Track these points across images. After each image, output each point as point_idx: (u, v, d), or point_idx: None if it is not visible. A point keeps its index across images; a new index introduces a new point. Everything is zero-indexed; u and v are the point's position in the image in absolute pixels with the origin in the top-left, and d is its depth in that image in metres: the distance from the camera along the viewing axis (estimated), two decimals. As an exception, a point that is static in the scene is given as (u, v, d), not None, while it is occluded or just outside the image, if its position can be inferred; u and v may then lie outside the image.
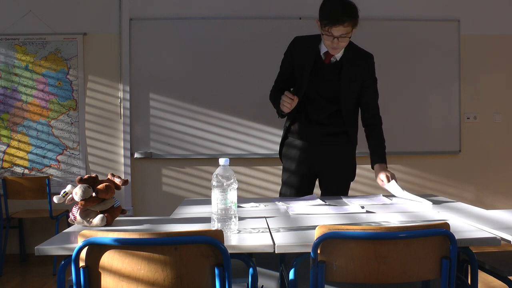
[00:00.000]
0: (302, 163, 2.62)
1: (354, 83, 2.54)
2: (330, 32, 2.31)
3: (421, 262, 1.41)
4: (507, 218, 1.85)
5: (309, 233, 1.58)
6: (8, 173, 4.12)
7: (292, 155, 2.65)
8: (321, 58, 2.51)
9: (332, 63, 2.51)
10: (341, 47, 2.41)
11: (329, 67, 2.51)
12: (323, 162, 2.61)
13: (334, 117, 2.57)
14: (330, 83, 2.52)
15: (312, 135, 2.59)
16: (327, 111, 2.57)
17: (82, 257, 1.34)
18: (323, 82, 2.52)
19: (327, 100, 2.55)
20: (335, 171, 2.62)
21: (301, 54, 2.54)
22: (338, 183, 2.64)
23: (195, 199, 3.05)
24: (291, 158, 2.66)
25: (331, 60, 2.50)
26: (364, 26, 4.19)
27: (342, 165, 2.64)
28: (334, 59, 2.50)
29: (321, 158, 2.60)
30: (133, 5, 4.16)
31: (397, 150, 4.26)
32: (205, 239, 1.33)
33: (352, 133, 2.61)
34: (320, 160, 2.61)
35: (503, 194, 4.40)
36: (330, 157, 2.60)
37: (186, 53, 4.16)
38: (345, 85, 2.51)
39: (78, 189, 1.69)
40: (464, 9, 4.31)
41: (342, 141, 2.61)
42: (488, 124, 4.38)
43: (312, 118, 2.58)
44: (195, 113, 4.17)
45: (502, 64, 4.38)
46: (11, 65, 4.13)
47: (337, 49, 2.42)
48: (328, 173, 2.63)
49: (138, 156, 4.16)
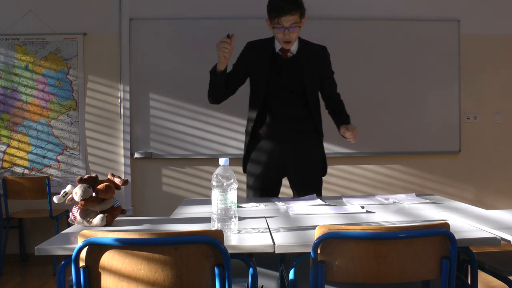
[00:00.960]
0: (272, 163, 2.60)
1: (315, 74, 2.62)
2: (281, 23, 2.42)
3: (421, 262, 1.41)
4: (507, 218, 1.85)
5: (309, 233, 1.58)
6: (8, 173, 4.12)
7: (262, 157, 2.61)
8: (279, 55, 2.58)
9: (290, 57, 2.59)
10: (293, 38, 2.50)
11: (288, 61, 2.59)
12: (294, 160, 2.61)
13: (301, 111, 2.61)
14: (294, 76, 2.58)
15: (281, 132, 2.59)
16: (294, 105, 2.60)
17: (82, 257, 1.34)
18: (287, 76, 2.58)
19: (293, 93, 2.59)
20: (307, 168, 2.63)
21: (256, 56, 2.61)
22: (312, 180, 2.65)
23: (195, 199, 3.05)
24: (259, 161, 2.62)
25: (288, 55, 2.58)
26: (364, 26, 4.23)
27: (314, 161, 2.65)
28: (291, 53, 2.58)
29: (293, 156, 2.60)
30: (133, 5, 4.16)
31: (397, 150, 4.26)
32: (205, 239, 1.33)
33: (319, 126, 2.66)
34: (291, 158, 2.60)
35: (503, 194, 4.40)
36: (301, 154, 2.61)
37: (186, 53, 4.16)
38: (308, 76, 2.58)
39: (78, 189, 1.69)
40: (464, 9, 4.31)
41: (311, 136, 2.64)
42: (488, 124, 4.38)
43: (280, 115, 2.59)
44: (195, 113, 4.17)
45: (502, 64, 4.38)
46: (11, 65, 4.13)
47: (290, 42, 2.51)
48: (300, 171, 2.62)
49: (138, 156, 4.16)
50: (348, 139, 2.57)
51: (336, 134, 2.60)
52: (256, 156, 2.63)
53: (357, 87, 4.08)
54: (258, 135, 2.63)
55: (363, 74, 4.18)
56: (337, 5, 4.20)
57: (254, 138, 2.63)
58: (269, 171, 2.61)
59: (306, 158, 2.62)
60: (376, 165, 4.29)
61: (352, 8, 4.20)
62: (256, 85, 2.63)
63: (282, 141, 2.60)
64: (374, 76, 4.22)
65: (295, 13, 2.42)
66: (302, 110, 2.61)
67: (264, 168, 2.61)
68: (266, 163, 2.60)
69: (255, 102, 2.64)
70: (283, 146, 2.60)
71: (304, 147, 2.62)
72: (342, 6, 4.21)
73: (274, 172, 2.63)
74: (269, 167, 2.60)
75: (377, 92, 4.23)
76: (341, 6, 4.21)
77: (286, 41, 2.50)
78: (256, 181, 2.63)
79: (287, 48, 2.56)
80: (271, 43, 2.62)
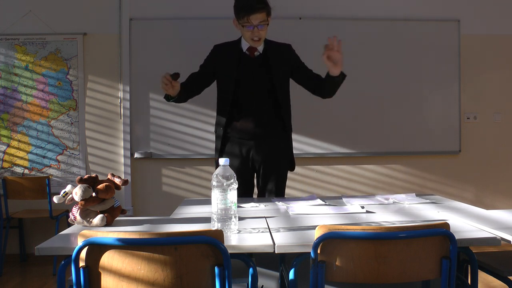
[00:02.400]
0: (243, 164, 2.65)
1: (283, 71, 2.66)
2: (250, 21, 2.51)
3: (421, 262, 1.41)
4: (507, 218, 1.85)
5: (309, 233, 1.58)
6: (8, 173, 4.12)
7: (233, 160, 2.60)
8: (246, 54, 2.64)
9: (257, 56, 2.64)
10: (262, 36, 2.58)
11: (256, 60, 2.64)
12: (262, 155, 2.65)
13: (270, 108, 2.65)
14: (262, 74, 2.63)
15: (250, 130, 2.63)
16: (263, 103, 2.64)
17: (82, 257, 1.34)
18: (255, 75, 2.63)
19: (262, 91, 2.63)
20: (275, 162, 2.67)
21: (224, 57, 2.67)
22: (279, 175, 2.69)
23: (195, 199, 3.05)
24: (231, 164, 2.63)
25: (255, 54, 2.64)
26: (365, 26, 4.22)
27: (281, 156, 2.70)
28: (258, 52, 2.64)
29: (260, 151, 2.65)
30: (133, 5, 4.16)
31: (397, 150, 4.26)
32: (205, 239, 1.33)
33: (288, 122, 2.70)
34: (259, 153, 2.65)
35: (503, 194, 4.40)
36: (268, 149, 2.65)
37: (186, 53, 4.16)
38: (277, 72, 2.63)
39: (78, 189, 1.69)
40: (464, 9, 4.31)
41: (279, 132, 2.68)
42: (488, 124, 4.38)
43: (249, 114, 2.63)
44: (195, 113, 4.17)
45: (502, 64, 4.38)
46: (11, 65, 4.13)
47: (258, 40, 2.58)
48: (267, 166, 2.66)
49: (138, 156, 4.16)
50: (331, 57, 2.44)
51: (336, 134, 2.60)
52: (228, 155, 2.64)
53: (357, 87, 4.07)
54: (228, 137, 2.67)
55: (363, 74, 4.18)
56: (337, 5, 4.20)
57: (225, 140, 2.67)
58: (241, 173, 2.61)
59: (273, 153, 2.66)
60: (376, 165, 4.29)
61: (352, 8, 4.20)
62: (224, 86, 2.67)
63: (251, 138, 2.64)
64: (374, 76, 4.22)
65: (263, 11, 2.52)
66: (271, 107, 2.65)
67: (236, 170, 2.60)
68: (237, 165, 2.62)
69: (224, 103, 2.67)
70: (252, 143, 2.65)
71: (271, 143, 2.66)
72: (342, 6, 4.21)
73: (245, 172, 2.67)
74: (240, 169, 2.62)
75: (377, 92, 4.23)
76: (341, 6, 4.21)
77: (255, 39, 2.57)
78: None
79: (256, 46, 2.62)
80: (237, 44, 2.69)
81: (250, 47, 2.64)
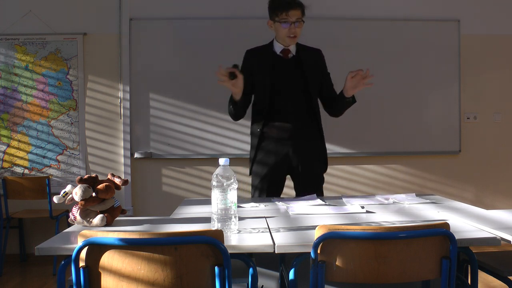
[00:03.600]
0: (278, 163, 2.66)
1: (316, 73, 2.70)
2: (288, 16, 2.56)
3: (421, 262, 1.41)
4: (507, 218, 1.85)
5: (309, 233, 1.58)
6: (8, 173, 4.12)
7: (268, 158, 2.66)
8: (280, 56, 2.67)
9: (291, 58, 2.68)
10: (297, 34, 2.61)
11: (290, 62, 2.67)
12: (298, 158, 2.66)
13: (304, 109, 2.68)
14: (297, 76, 2.66)
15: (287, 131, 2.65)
16: (298, 104, 2.67)
17: (82, 257, 1.34)
18: (290, 76, 2.66)
19: (297, 92, 2.66)
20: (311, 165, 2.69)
21: (258, 61, 2.69)
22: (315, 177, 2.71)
23: (195, 199, 3.05)
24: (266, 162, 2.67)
25: (288, 56, 2.67)
26: (364, 26, 4.22)
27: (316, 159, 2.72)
28: (291, 54, 2.68)
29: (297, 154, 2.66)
30: (133, 5, 4.16)
31: (397, 150, 4.26)
32: (205, 239, 1.33)
33: (320, 123, 2.73)
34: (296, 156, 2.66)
35: (503, 194, 4.40)
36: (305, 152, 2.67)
37: (186, 53, 4.16)
38: (310, 74, 2.67)
39: (78, 189, 1.69)
40: (464, 9, 4.31)
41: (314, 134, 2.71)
42: (488, 124, 4.38)
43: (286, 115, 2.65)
44: (195, 113, 4.17)
45: (502, 64, 4.38)
46: (11, 65, 4.13)
47: (294, 37, 2.61)
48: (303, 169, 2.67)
49: (138, 156, 4.16)
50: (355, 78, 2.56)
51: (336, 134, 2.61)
52: (262, 157, 2.69)
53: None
54: (265, 136, 2.69)
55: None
56: (337, 5, 4.20)
57: (262, 139, 2.69)
58: (274, 171, 2.66)
59: (309, 156, 2.68)
60: (376, 165, 4.29)
61: (352, 8, 4.20)
62: (261, 88, 2.68)
63: (288, 139, 2.66)
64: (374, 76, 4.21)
65: (299, 9, 2.59)
66: (305, 108, 2.68)
67: (270, 168, 2.66)
68: (272, 164, 2.66)
69: (261, 104, 2.69)
70: (288, 144, 2.66)
71: (307, 145, 2.69)
72: (342, 6, 4.21)
73: (279, 171, 2.69)
74: (274, 167, 2.66)
75: (377, 92, 4.22)
76: (341, 6, 4.21)
77: (291, 36, 2.59)
78: (261, 182, 2.68)
79: (290, 44, 2.65)
80: (270, 47, 2.71)
81: (284, 49, 2.67)
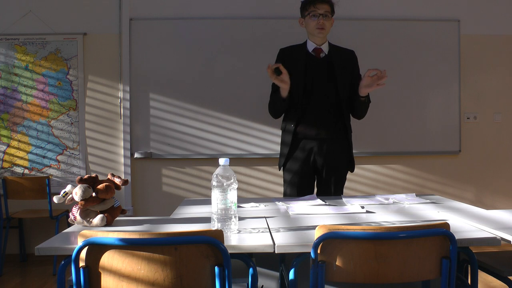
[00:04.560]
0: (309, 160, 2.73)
1: (346, 74, 2.74)
2: (315, 8, 2.66)
3: (421, 262, 1.41)
4: (507, 218, 1.85)
5: (309, 233, 1.58)
6: (8, 173, 4.12)
7: (300, 155, 2.73)
8: (313, 55, 2.73)
9: (323, 57, 2.73)
10: (326, 26, 2.69)
11: (322, 61, 2.73)
12: (326, 158, 2.72)
13: (334, 109, 2.74)
14: (328, 75, 2.71)
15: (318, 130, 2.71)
16: (329, 103, 2.72)
17: (82, 257, 1.34)
18: (321, 75, 2.71)
19: (328, 91, 2.71)
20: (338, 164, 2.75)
21: (291, 60, 2.72)
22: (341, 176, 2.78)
23: (195, 199, 3.05)
24: (298, 158, 2.74)
25: (321, 55, 2.73)
26: (364, 26, 4.22)
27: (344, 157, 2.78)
28: (323, 53, 2.73)
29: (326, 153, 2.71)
30: (133, 5, 4.16)
31: (397, 150, 4.26)
32: (205, 239, 1.33)
33: (348, 123, 2.79)
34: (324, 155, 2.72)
35: (503, 194, 4.40)
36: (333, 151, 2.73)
37: (186, 53, 4.16)
38: (340, 74, 2.71)
39: (78, 189, 1.69)
40: (464, 9, 4.31)
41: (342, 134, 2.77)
42: (488, 124, 4.38)
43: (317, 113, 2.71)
44: (195, 113, 4.17)
45: (502, 64, 4.38)
46: (11, 65, 4.13)
47: (323, 29, 2.67)
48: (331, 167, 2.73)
49: (138, 156, 4.16)
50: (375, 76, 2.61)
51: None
52: (295, 154, 2.74)
53: (357, 87, 4.07)
54: (297, 134, 2.73)
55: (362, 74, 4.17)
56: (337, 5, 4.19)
57: (295, 136, 2.73)
58: (305, 167, 2.72)
59: (334, 156, 2.73)
60: (376, 165, 4.29)
61: (352, 8, 4.20)
62: (295, 87, 2.70)
63: (318, 139, 2.71)
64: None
65: (327, 3, 2.70)
66: (334, 107, 2.74)
67: (301, 164, 2.72)
68: (303, 160, 2.72)
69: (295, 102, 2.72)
70: (315, 143, 2.72)
71: (336, 145, 2.74)
72: (342, 6, 4.19)
73: (308, 168, 2.74)
74: (304, 164, 2.72)
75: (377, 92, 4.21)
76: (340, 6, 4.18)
77: (320, 28, 2.66)
78: (294, 177, 2.73)
79: (320, 36, 2.71)
80: (303, 46, 2.77)
81: (316, 48, 2.73)
